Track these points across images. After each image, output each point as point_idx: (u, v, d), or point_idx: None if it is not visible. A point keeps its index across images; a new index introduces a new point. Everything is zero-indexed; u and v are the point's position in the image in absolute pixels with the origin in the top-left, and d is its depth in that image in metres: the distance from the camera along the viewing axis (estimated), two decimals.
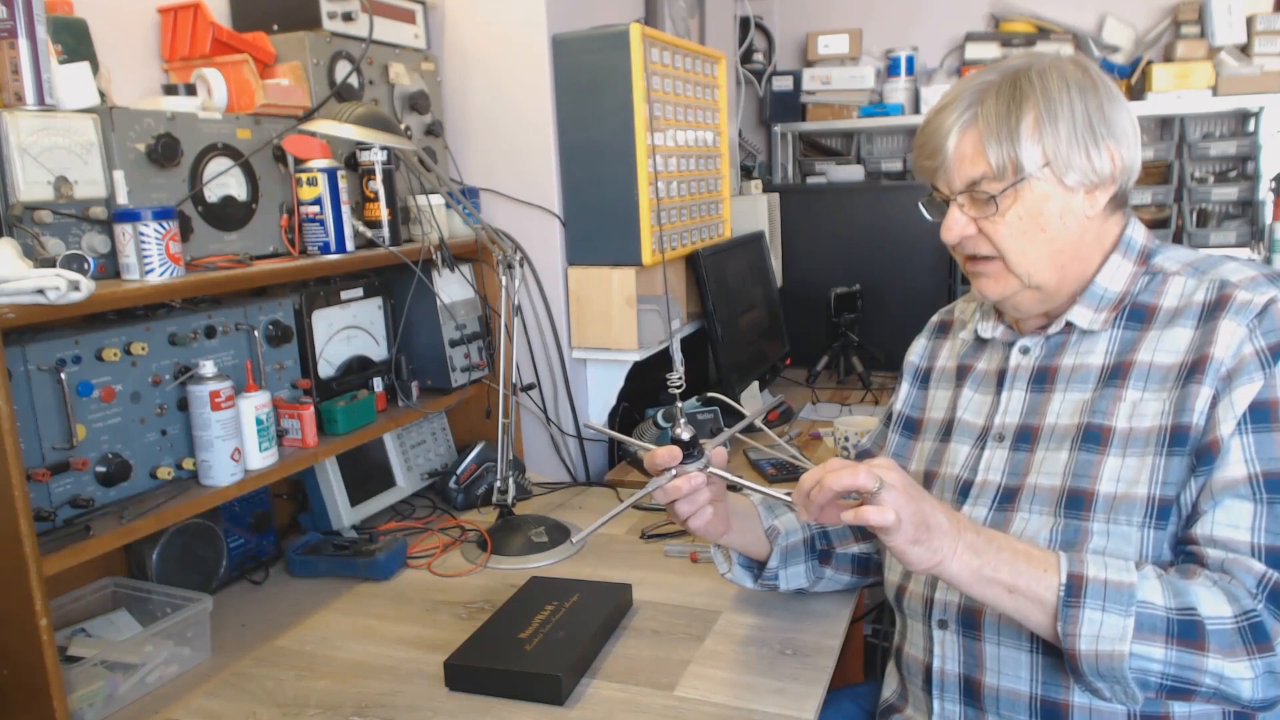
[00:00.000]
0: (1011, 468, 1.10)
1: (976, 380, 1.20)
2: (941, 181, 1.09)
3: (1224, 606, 0.91)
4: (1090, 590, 0.92)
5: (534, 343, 2.00)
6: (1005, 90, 1.05)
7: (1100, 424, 1.04)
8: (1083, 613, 0.91)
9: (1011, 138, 1.03)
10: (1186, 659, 0.89)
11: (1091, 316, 1.09)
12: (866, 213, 2.75)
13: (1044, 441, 1.08)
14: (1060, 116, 1.03)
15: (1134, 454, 1.01)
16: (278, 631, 1.37)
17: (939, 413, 1.24)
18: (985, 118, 1.04)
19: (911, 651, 1.18)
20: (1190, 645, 0.90)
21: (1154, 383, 1.02)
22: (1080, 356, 1.09)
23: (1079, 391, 1.08)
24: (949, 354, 1.28)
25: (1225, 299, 1.00)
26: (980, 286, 1.12)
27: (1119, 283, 1.09)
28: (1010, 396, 1.14)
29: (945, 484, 1.16)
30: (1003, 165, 1.04)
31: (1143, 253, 1.10)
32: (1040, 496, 1.05)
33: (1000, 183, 1.04)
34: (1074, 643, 0.92)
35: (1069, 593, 0.92)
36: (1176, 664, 0.90)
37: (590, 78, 1.88)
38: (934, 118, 1.09)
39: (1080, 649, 0.91)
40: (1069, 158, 1.04)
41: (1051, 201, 1.05)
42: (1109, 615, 0.91)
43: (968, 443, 1.16)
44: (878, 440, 1.36)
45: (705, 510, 1.14)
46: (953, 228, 1.09)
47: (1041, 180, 1.04)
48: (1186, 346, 1.01)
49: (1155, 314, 1.06)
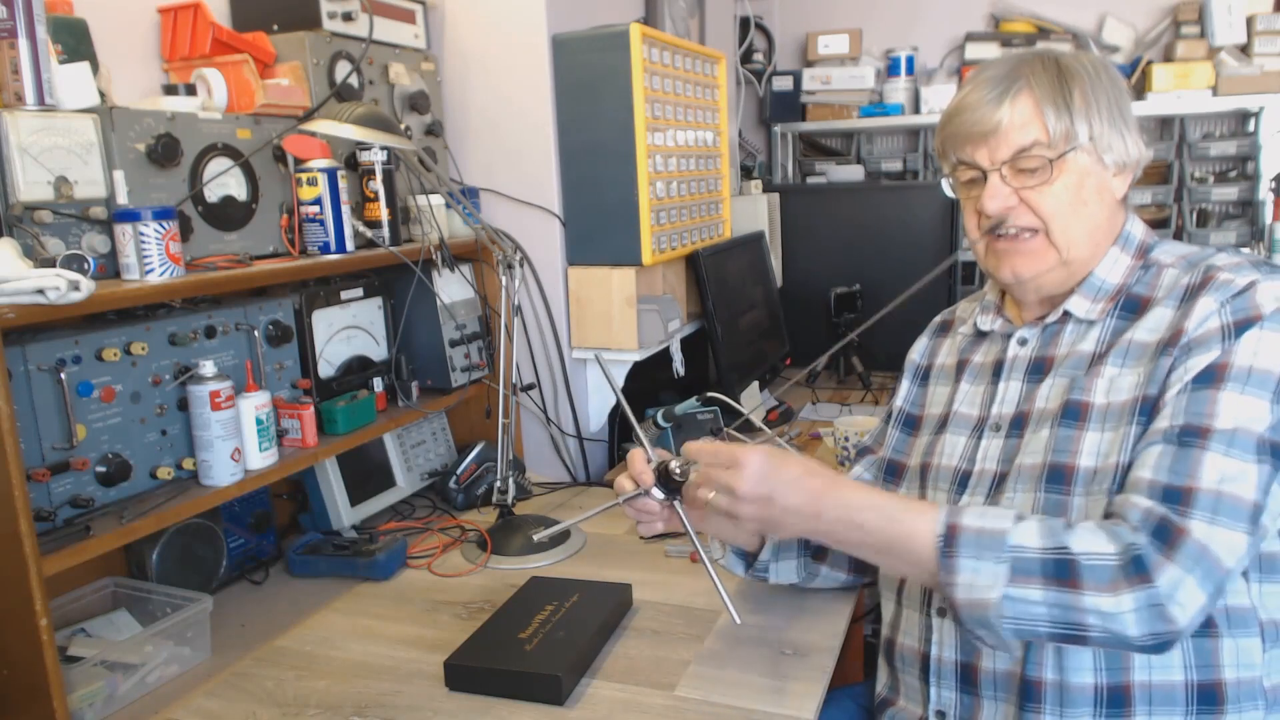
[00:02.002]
0: (1005, 455, 1.12)
1: (973, 372, 1.22)
2: (984, 152, 1.09)
3: (1104, 544, 0.91)
4: (964, 540, 0.94)
5: (534, 343, 2.00)
6: (1048, 66, 1.07)
7: (1079, 400, 1.05)
8: (958, 562, 0.93)
9: (1068, 106, 1.05)
10: (1064, 598, 0.90)
11: (1089, 306, 1.10)
12: (866, 213, 2.75)
13: (1032, 425, 1.10)
14: (1100, 96, 1.06)
15: (1110, 427, 1.02)
16: (278, 631, 1.37)
17: (937, 408, 1.25)
18: (1039, 85, 1.06)
19: (906, 642, 1.19)
20: (1064, 584, 0.90)
21: (1132, 359, 1.04)
22: (1073, 345, 1.11)
23: (1068, 376, 1.09)
24: (949, 351, 1.29)
25: (1208, 280, 1.02)
26: (1013, 266, 1.11)
27: (1116, 275, 1.11)
28: (1007, 386, 1.15)
29: (942, 475, 1.17)
30: (1059, 132, 1.05)
31: (1141, 247, 1.12)
32: (1024, 475, 1.07)
33: (1055, 149, 1.05)
34: (952, 592, 0.94)
35: (945, 543, 0.95)
36: (1056, 604, 0.90)
37: (590, 78, 1.88)
38: (973, 91, 1.09)
39: (958, 598, 0.93)
40: (1109, 137, 1.06)
41: (1093, 177, 1.07)
42: (983, 563, 0.92)
43: (964, 434, 1.18)
44: (878, 438, 1.37)
45: (654, 525, 1.19)
46: (995, 197, 1.08)
47: (1087, 154, 1.06)
48: (1166, 325, 1.03)
49: (1148, 304, 1.07)
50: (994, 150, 1.08)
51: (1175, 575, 0.89)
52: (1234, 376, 0.95)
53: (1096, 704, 1.01)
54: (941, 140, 1.15)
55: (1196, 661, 1.00)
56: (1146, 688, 1.00)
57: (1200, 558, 0.89)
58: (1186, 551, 0.89)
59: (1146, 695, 1.00)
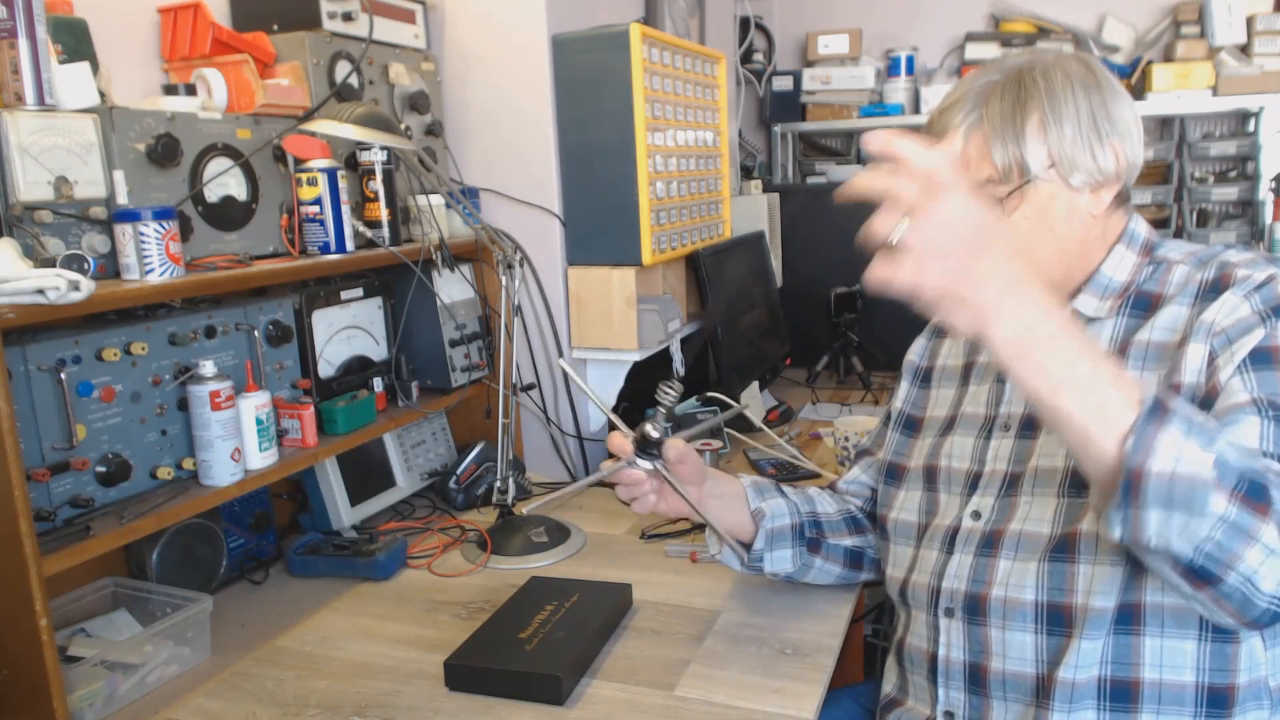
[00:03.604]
0: (1017, 455, 1.10)
1: (979, 373, 1.21)
2: None
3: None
4: (1177, 415, 0.78)
5: (534, 343, 2.00)
6: (1010, 90, 1.05)
7: None
8: (1166, 430, 0.77)
9: (1017, 139, 1.03)
10: (1245, 520, 0.78)
11: (1097, 305, 1.09)
12: (866, 213, 2.70)
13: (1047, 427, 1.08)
14: (1065, 116, 1.03)
15: None
16: (278, 631, 1.37)
17: (941, 410, 1.24)
18: (990, 120, 1.04)
19: (915, 643, 1.18)
20: (1254, 507, 0.78)
21: (1152, 360, 1.02)
22: None
23: None
24: (951, 352, 1.28)
25: (1225, 277, 1.01)
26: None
27: (1124, 272, 1.09)
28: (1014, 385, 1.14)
29: (952, 477, 1.17)
30: (1008, 167, 1.04)
31: (1146, 245, 1.11)
32: (1042, 479, 1.06)
33: (1006, 185, 1.04)
34: (1148, 457, 0.76)
35: (1153, 412, 0.78)
36: (1234, 524, 0.78)
37: (590, 78, 1.88)
38: (938, 119, 1.09)
39: (1152, 468, 0.76)
40: (1074, 158, 1.04)
41: (1057, 201, 1.05)
42: (1192, 441, 0.77)
43: (972, 434, 1.17)
44: (877, 440, 1.37)
45: (646, 499, 1.20)
46: None
47: (1048, 181, 1.04)
48: (1183, 323, 1.01)
49: (1160, 301, 1.06)
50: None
51: None
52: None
53: (1100, 697, 1.01)
54: None
55: (1212, 665, 0.99)
56: (1156, 686, 1.00)
57: None
58: None
59: (1156, 694, 1.00)
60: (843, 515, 1.37)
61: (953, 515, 1.15)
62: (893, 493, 1.26)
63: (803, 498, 1.36)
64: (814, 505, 1.36)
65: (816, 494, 1.39)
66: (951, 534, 1.14)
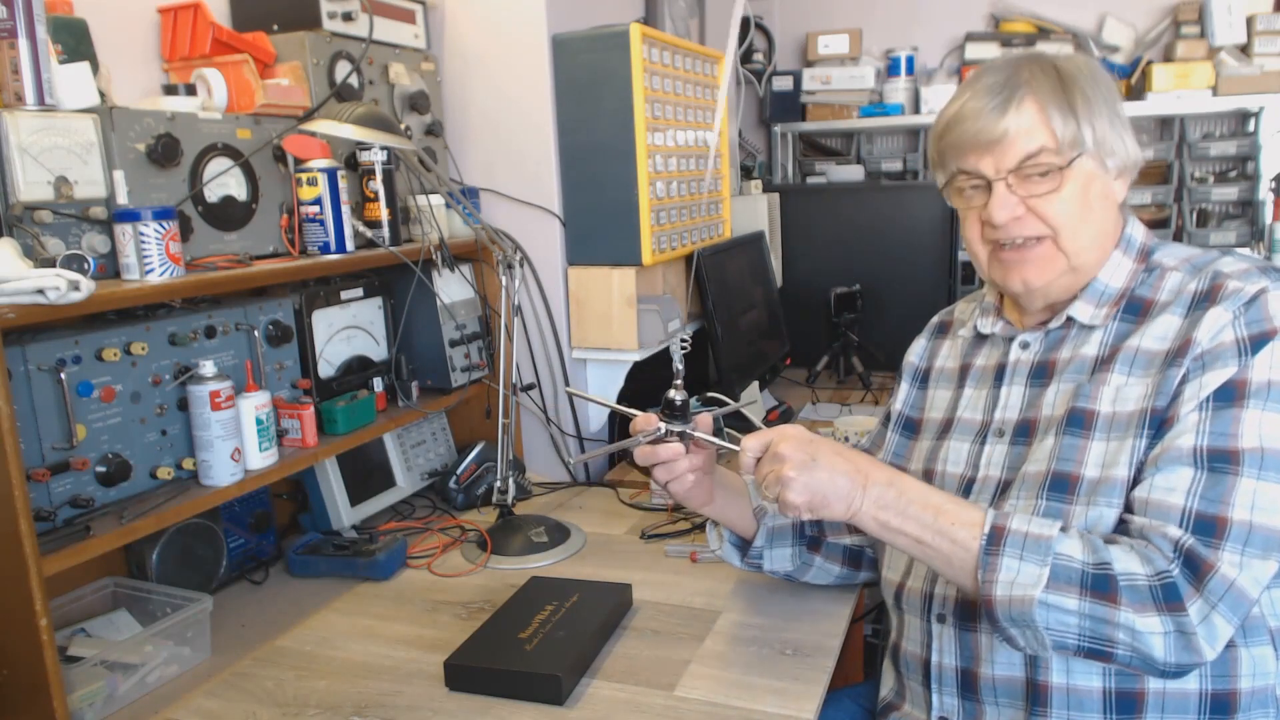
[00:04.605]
0: (1010, 462, 1.11)
1: (976, 376, 1.21)
2: (988, 161, 1.05)
3: (1138, 566, 0.92)
4: (1010, 540, 0.94)
5: (534, 343, 2.00)
6: (1047, 70, 1.05)
7: (1085, 408, 1.04)
8: (1001, 559, 0.94)
9: (1072, 110, 1.03)
10: (1099, 610, 0.91)
11: (1092, 312, 1.09)
12: (866, 213, 2.75)
13: (1039, 433, 1.09)
14: (1097, 100, 1.04)
15: (1116, 437, 1.01)
16: (278, 631, 1.37)
17: (939, 412, 1.25)
18: (1041, 90, 1.03)
19: (909, 648, 1.18)
20: (1103, 597, 0.91)
21: (1139, 368, 1.03)
22: (1076, 349, 1.10)
23: (1072, 381, 1.08)
24: (950, 354, 1.28)
25: (1217, 288, 1.01)
26: (1022, 275, 1.09)
27: (1119, 279, 1.09)
28: (1010, 391, 1.14)
29: (948, 482, 1.17)
30: (1065, 137, 1.03)
31: (1142, 250, 1.11)
32: (1028, 483, 1.06)
33: (1062, 155, 1.03)
34: (990, 589, 0.94)
35: (990, 541, 0.95)
36: (1090, 615, 0.91)
37: (590, 78, 1.88)
38: (971, 100, 1.06)
39: (996, 594, 0.93)
40: (1112, 141, 1.05)
41: (1098, 182, 1.06)
42: (1026, 564, 0.93)
43: (967, 439, 1.17)
44: (876, 440, 1.37)
45: (685, 478, 1.17)
46: (1003, 208, 1.05)
47: (1093, 159, 1.04)
48: (1174, 333, 1.02)
49: (1151, 307, 1.06)
50: (999, 159, 1.04)
51: (1204, 608, 0.89)
52: (1254, 393, 0.94)
53: (1106, 709, 1.01)
54: (939, 150, 1.12)
55: (1213, 672, 1.00)
56: (1160, 695, 1.00)
57: (1228, 592, 0.90)
58: (1215, 587, 0.90)
59: (1160, 703, 1.00)
60: None
61: None
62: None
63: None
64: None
65: None
66: None
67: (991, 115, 1.04)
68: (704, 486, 1.21)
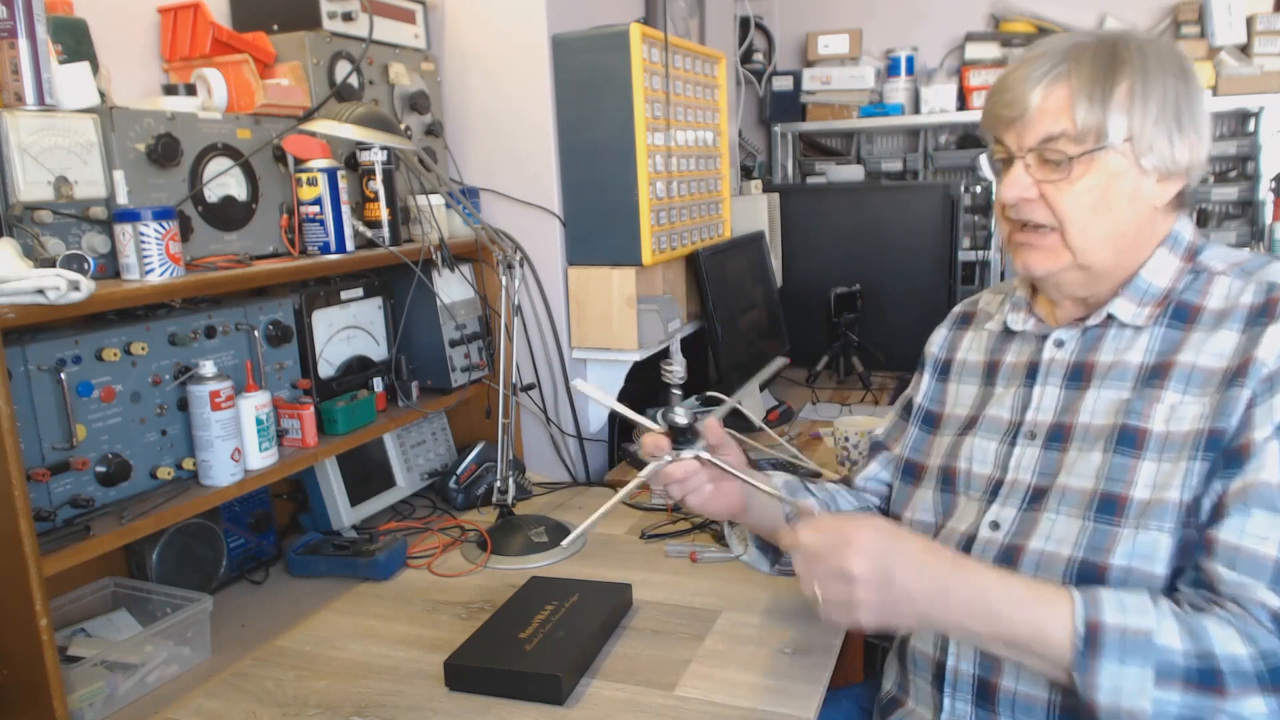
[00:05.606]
0: (1043, 467, 1.06)
1: (1005, 374, 1.16)
2: (1012, 136, 1.03)
3: (1240, 646, 0.87)
4: (1107, 641, 0.89)
5: (534, 343, 2.00)
6: (1104, 53, 1.00)
7: (1136, 425, 0.99)
8: (1101, 664, 0.88)
9: (1103, 101, 0.98)
10: (1205, 702, 0.87)
11: (1135, 310, 1.04)
12: (866, 213, 2.75)
13: (1078, 440, 1.04)
14: (1152, 94, 0.99)
15: (1169, 458, 0.97)
16: (278, 631, 1.37)
17: (962, 409, 1.20)
18: (1079, 74, 0.99)
19: (921, 646, 1.15)
20: (1209, 690, 0.87)
21: (1195, 386, 0.98)
22: (1119, 353, 1.05)
23: (1116, 389, 1.03)
24: (973, 347, 1.24)
25: (1274, 303, 0.97)
26: (1025, 260, 1.06)
27: (1164, 278, 1.04)
28: (1044, 392, 1.10)
29: (974, 483, 1.13)
30: (1087, 127, 0.98)
31: (1189, 249, 1.06)
32: (1070, 498, 1.02)
33: (1079, 145, 0.99)
34: (1093, 694, 0.89)
35: (1087, 644, 0.89)
36: (1194, 706, 0.87)
37: (590, 78, 1.88)
38: (1018, 69, 1.03)
39: (1100, 701, 0.89)
40: (1152, 139, 0.99)
41: (1124, 180, 1.01)
42: (1128, 668, 0.88)
43: (995, 438, 1.12)
44: (893, 433, 1.32)
45: (703, 489, 1.12)
46: (1013, 186, 1.02)
47: (1120, 155, 1.00)
48: (1232, 350, 0.97)
49: (1200, 314, 1.01)
50: (1021, 135, 1.02)
51: None
52: None
53: None
54: (982, 114, 1.09)
55: None
56: None
57: None
58: None
59: None
60: (861, 510, 1.32)
61: (969, 521, 1.11)
62: (909, 491, 1.22)
63: (826, 495, 1.31)
64: (836, 503, 1.31)
65: (836, 490, 1.33)
66: (967, 542, 1.09)
67: (1022, 88, 1.01)
68: (730, 495, 1.15)
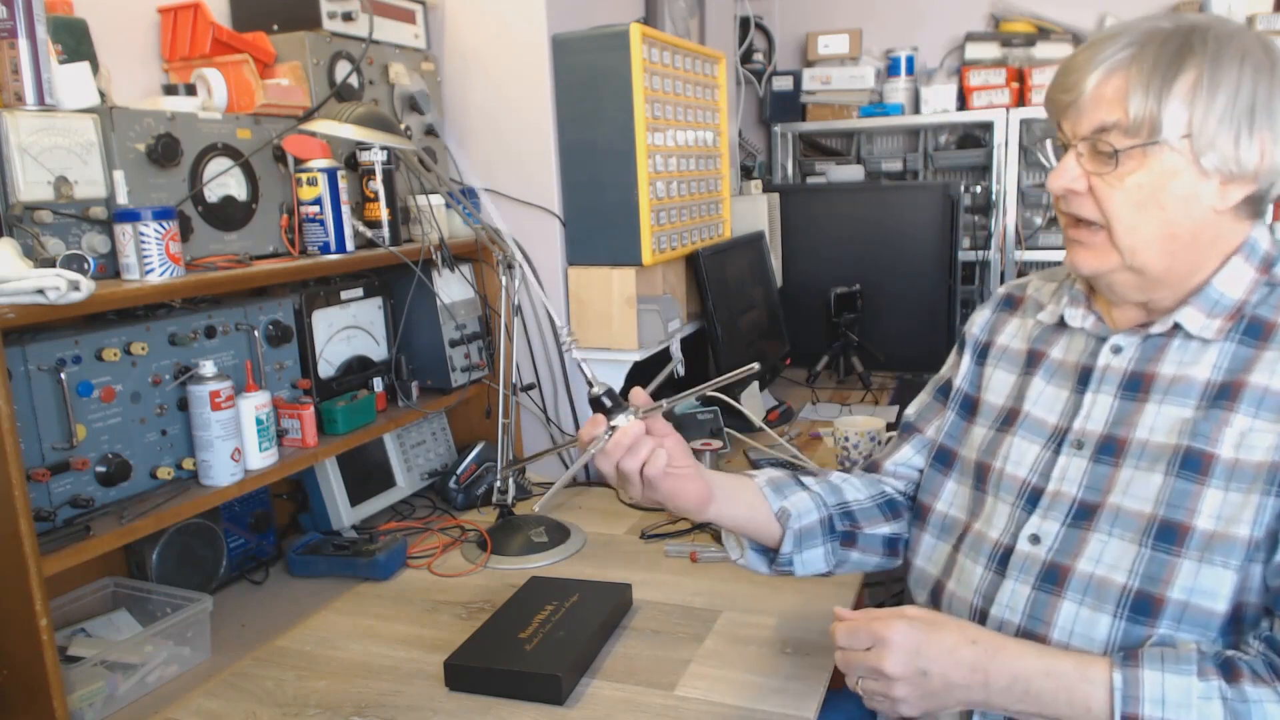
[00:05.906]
0: (1091, 481, 0.99)
1: (1051, 371, 1.09)
2: (1068, 122, 0.98)
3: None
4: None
5: (534, 343, 2.00)
6: (1174, 41, 0.93)
7: (1202, 449, 0.93)
8: None
9: (1161, 92, 0.91)
10: None
11: (1205, 322, 0.97)
12: (866, 213, 2.75)
13: (1133, 458, 0.97)
14: (1221, 89, 0.91)
15: (1238, 489, 0.90)
16: (278, 631, 1.37)
17: (999, 398, 1.13)
18: (1141, 62, 0.92)
19: None
20: None
21: (1269, 410, 0.91)
22: (1184, 366, 0.97)
23: (1179, 406, 0.96)
24: (1017, 334, 1.16)
25: None
26: (1074, 256, 1.01)
27: (1238, 289, 0.97)
28: (1096, 399, 1.02)
29: (1006, 485, 1.06)
30: (1140, 119, 0.92)
31: (1265, 260, 0.99)
32: (1125, 520, 0.95)
33: (1130, 138, 0.93)
34: None
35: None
36: None
37: (590, 78, 1.88)
38: (1084, 50, 0.97)
39: None
40: (1214, 136, 0.92)
41: (1179, 180, 0.93)
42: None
43: (1038, 442, 1.05)
44: (925, 414, 1.24)
45: (659, 455, 1.03)
46: (1061, 175, 0.97)
47: (1176, 153, 0.93)
48: None
49: (1275, 331, 0.95)
50: (1075, 122, 0.97)
51: None
52: None
53: None
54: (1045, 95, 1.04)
55: None
56: None
57: None
58: None
59: None
60: (876, 500, 1.22)
61: (1002, 528, 1.04)
62: (940, 480, 1.16)
63: (826, 487, 1.22)
64: (841, 494, 1.21)
65: (841, 479, 1.24)
66: (1005, 554, 1.03)
67: (1083, 72, 0.95)
68: (693, 483, 1.07)
